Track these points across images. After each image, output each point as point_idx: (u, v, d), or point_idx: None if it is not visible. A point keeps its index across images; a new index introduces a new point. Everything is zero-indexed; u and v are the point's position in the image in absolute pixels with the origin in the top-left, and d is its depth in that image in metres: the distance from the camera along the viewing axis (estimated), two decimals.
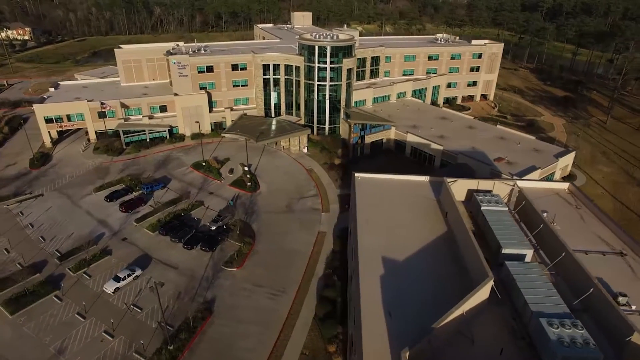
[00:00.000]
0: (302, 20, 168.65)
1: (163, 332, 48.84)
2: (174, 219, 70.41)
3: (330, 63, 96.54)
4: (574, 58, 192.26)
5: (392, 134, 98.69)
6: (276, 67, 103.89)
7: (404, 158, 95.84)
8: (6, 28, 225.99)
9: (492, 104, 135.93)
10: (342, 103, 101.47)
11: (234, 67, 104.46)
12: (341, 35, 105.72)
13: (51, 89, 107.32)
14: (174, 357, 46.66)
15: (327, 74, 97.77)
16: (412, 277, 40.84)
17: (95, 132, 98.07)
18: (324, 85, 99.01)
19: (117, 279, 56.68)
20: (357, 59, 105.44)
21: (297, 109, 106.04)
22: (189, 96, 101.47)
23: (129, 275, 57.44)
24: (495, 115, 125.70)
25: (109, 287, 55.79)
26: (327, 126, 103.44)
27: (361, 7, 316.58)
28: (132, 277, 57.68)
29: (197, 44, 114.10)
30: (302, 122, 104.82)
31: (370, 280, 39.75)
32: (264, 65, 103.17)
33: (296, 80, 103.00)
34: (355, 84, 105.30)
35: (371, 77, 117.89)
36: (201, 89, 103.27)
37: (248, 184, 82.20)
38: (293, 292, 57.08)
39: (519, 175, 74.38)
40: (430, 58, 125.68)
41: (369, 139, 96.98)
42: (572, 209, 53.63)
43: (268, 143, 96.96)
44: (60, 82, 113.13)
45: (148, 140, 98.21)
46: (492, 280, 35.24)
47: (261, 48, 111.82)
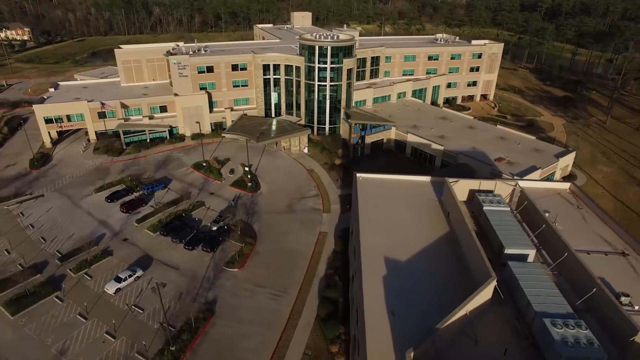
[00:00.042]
0: (302, 20, 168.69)
1: (165, 333, 48.78)
2: (175, 220, 70.32)
3: (330, 63, 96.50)
4: (574, 58, 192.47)
5: (392, 134, 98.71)
6: (276, 67, 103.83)
7: (404, 158, 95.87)
8: (5, 28, 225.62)
9: (492, 104, 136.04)
10: (343, 103, 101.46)
11: (234, 68, 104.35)
12: (341, 35, 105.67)
13: (51, 89, 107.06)
14: (176, 358, 46.60)
15: (328, 74, 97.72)
16: (415, 277, 40.83)
17: (95, 132, 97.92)
18: (325, 85, 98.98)
19: (119, 280, 56.57)
20: (357, 59, 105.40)
21: (298, 109, 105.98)
22: (189, 96, 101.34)
23: (130, 276, 57.32)
24: (495, 115, 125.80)
25: (110, 288, 55.69)
26: (327, 126, 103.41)
27: (360, 7, 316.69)
28: (134, 277, 57.56)
29: (197, 44, 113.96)
30: (303, 122, 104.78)
31: (373, 280, 39.70)
32: (264, 66, 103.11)
33: (296, 80, 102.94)
34: (355, 84, 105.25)
35: (371, 77, 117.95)
36: (201, 89, 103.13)
37: (249, 184, 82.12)
38: (295, 292, 57.06)
39: (519, 175, 74.46)
40: (430, 58, 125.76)
41: (369, 139, 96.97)
42: (573, 209, 53.65)
43: (268, 143, 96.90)
44: (60, 83, 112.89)
45: (148, 140, 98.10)
46: (495, 281, 35.25)
47: (261, 48, 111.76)
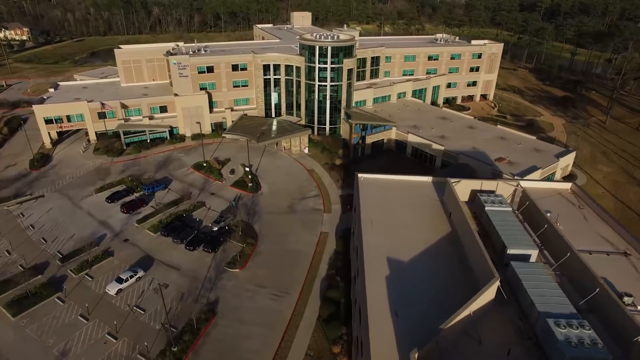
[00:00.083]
0: (302, 20, 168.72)
1: (167, 334, 48.72)
2: (176, 220, 70.24)
3: (331, 63, 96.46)
4: (573, 58, 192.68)
5: (392, 134, 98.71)
6: (276, 67, 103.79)
7: (404, 158, 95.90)
8: (4, 28, 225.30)
9: (492, 104, 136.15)
10: (343, 103, 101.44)
11: (235, 68, 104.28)
12: (341, 35, 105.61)
13: (51, 89, 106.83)
14: (178, 359, 46.54)
15: (328, 74, 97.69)
16: (417, 278, 40.80)
17: (95, 132, 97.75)
18: (325, 85, 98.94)
19: (120, 281, 56.48)
20: (358, 59, 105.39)
21: (298, 109, 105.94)
22: (189, 97, 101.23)
23: (131, 277, 57.24)
24: (495, 115, 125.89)
25: (112, 289, 55.61)
26: (327, 126, 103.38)
27: (360, 7, 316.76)
28: (135, 278, 57.49)
29: (197, 44, 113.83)
30: (303, 122, 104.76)
31: (376, 280, 39.67)
32: (264, 66, 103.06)
33: (297, 80, 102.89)
34: (355, 84, 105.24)
35: (371, 78, 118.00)
36: (201, 89, 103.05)
37: (249, 184, 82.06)
38: (296, 293, 57.05)
39: (520, 175, 74.52)
40: (430, 58, 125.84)
41: (369, 139, 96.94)
42: (575, 209, 53.66)
43: (269, 143, 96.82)
44: (59, 83, 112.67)
45: (148, 140, 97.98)
46: (499, 281, 35.24)
47: (261, 48, 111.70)
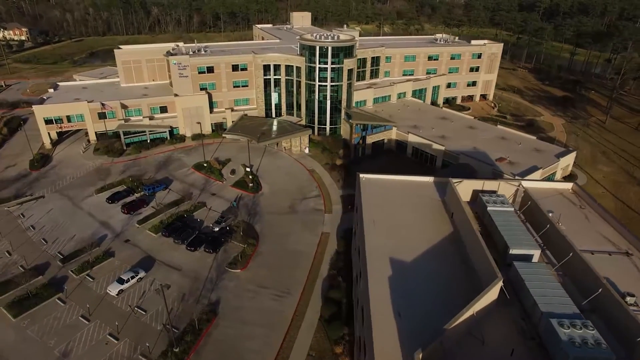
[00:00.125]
0: (301, 20, 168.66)
1: (168, 335, 48.67)
2: (177, 221, 70.14)
3: (331, 63, 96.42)
4: (572, 58, 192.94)
5: (393, 134, 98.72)
6: (277, 67, 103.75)
7: (405, 158, 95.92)
8: (3, 28, 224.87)
9: (492, 104, 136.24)
10: (343, 103, 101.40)
11: (235, 68, 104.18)
12: (342, 35, 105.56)
13: (50, 89, 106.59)
14: None
15: (328, 75, 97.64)
16: (420, 278, 40.79)
17: (95, 133, 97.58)
18: (325, 85, 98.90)
19: (121, 281, 56.36)
20: (358, 59, 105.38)
21: (298, 109, 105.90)
22: (190, 97, 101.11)
23: (132, 277, 57.15)
24: (495, 115, 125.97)
25: (113, 290, 55.51)
26: (328, 126, 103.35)
27: (359, 7, 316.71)
28: (136, 279, 57.40)
29: (197, 45, 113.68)
30: (303, 122, 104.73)
31: (379, 280, 39.65)
32: (264, 66, 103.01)
33: (297, 80, 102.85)
34: (355, 85, 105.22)
35: (371, 78, 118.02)
36: (201, 89, 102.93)
37: (250, 184, 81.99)
38: (298, 293, 57.00)
39: (521, 175, 74.55)
40: (430, 58, 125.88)
41: (370, 139, 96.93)
42: (576, 209, 53.72)
43: (269, 144, 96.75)
44: (59, 83, 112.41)
45: (148, 141, 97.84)
46: (502, 281, 35.24)
47: (262, 48, 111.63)
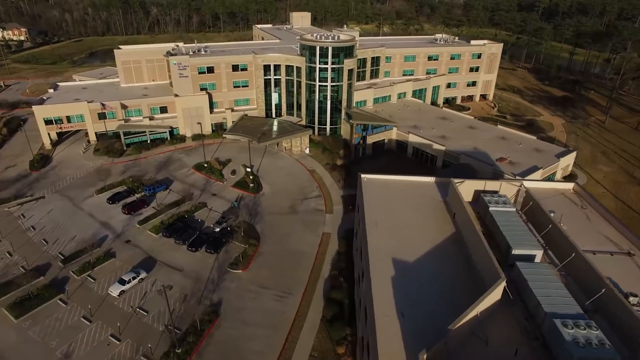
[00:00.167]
0: (301, 20, 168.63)
1: (170, 336, 48.58)
2: (178, 221, 70.04)
3: (331, 63, 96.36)
4: (571, 58, 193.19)
5: (393, 134, 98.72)
6: (277, 67, 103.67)
7: (405, 158, 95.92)
8: (2, 28, 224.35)
9: (492, 104, 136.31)
10: (344, 103, 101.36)
11: (235, 68, 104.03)
12: (342, 35, 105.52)
13: (50, 90, 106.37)
14: None
15: (329, 75, 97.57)
16: (422, 278, 40.79)
17: (95, 133, 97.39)
18: (325, 85, 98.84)
19: (122, 282, 56.23)
20: (358, 59, 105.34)
21: (298, 109, 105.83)
22: (190, 97, 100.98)
23: (134, 278, 57.03)
24: (495, 115, 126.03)
25: (114, 290, 55.40)
26: (328, 127, 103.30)
27: (358, 7, 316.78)
28: (137, 279, 57.27)
29: (197, 45, 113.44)
30: (303, 122, 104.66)
31: (382, 281, 39.64)
32: (264, 66, 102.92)
33: (297, 80, 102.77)
34: (355, 85, 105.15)
35: (371, 78, 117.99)
36: (202, 89, 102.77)
37: (251, 185, 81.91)
38: (299, 293, 56.94)
39: (521, 175, 74.59)
40: (430, 58, 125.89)
41: (370, 139, 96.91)
42: (577, 209, 53.80)
43: (270, 144, 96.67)
44: (59, 83, 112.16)
45: (149, 141, 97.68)
46: (505, 281, 35.25)
47: (262, 49, 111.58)
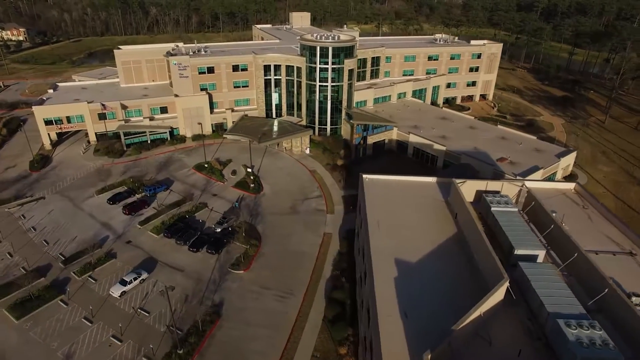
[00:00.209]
0: (301, 20, 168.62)
1: (172, 336, 48.47)
2: (179, 222, 69.87)
3: (332, 64, 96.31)
4: (571, 58, 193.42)
5: (394, 134, 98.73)
6: (277, 67, 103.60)
7: (406, 158, 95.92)
8: (0, 28, 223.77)
9: (492, 104, 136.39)
10: (344, 104, 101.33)
11: (235, 68, 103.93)
12: (342, 35, 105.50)
13: (50, 90, 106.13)
14: None
15: (329, 75, 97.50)
16: (425, 278, 40.81)
17: (95, 133, 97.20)
18: (326, 85, 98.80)
19: (124, 283, 56.11)
20: (358, 59, 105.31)
21: (299, 109, 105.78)
22: (190, 97, 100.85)
23: (135, 279, 56.88)
24: (495, 115, 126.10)
25: (116, 291, 55.27)
26: (328, 127, 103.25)
27: (357, 7, 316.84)
28: (139, 280, 57.13)
29: (197, 45, 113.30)
30: (304, 122, 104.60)
31: (384, 281, 39.65)
32: (265, 66, 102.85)
33: (297, 81, 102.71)
34: (356, 85, 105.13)
35: (372, 78, 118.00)
36: (202, 90, 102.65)
37: (251, 185, 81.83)
38: (301, 294, 56.88)
39: (522, 175, 74.66)
40: (430, 58, 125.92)
41: (371, 139, 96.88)
42: (579, 209, 53.86)
43: (270, 144, 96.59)
44: (58, 84, 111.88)
45: (149, 141, 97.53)
46: (508, 282, 35.26)
47: (262, 49, 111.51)
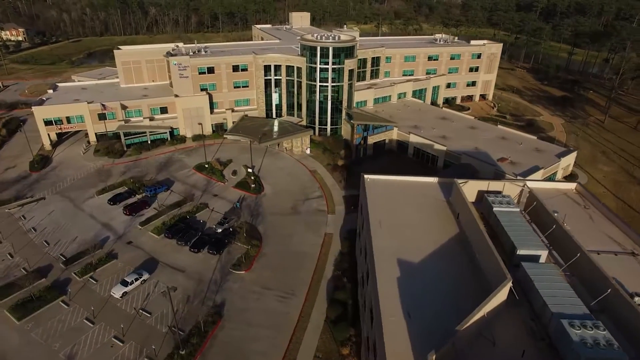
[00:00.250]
0: (300, 20, 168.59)
1: (174, 337, 48.42)
2: (179, 222, 69.79)
3: (332, 64, 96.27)
4: (570, 58, 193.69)
5: (394, 134, 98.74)
6: (277, 68, 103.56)
7: (406, 158, 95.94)
8: None
9: (491, 104, 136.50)
10: (344, 104, 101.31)
11: (235, 68, 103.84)
12: (342, 35, 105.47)
13: (50, 90, 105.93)
14: None
15: (329, 75, 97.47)
16: (428, 278, 40.76)
17: (95, 134, 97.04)
18: (326, 86, 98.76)
19: (125, 284, 56.03)
20: (358, 59, 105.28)
21: (299, 110, 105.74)
22: (190, 97, 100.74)
23: (136, 280, 56.81)
24: (495, 115, 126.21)
25: (117, 292, 55.20)
26: (328, 127, 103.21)
27: (357, 7, 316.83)
28: (140, 281, 57.07)
29: (197, 45, 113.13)
30: (304, 123, 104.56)
31: (387, 281, 39.60)
32: (265, 66, 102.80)
33: (297, 81, 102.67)
34: (356, 85, 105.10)
35: (372, 78, 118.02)
36: (202, 90, 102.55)
37: (252, 185, 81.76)
38: (303, 294, 56.87)
39: (523, 175, 74.73)
40: (430, 58, 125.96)
41: (371, 139, 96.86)
42: (580, 209, 53.86)
43: (271, 144, 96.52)
44: (58, 84, 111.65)
45: (149, 142, 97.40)
46: (511, 282, 35.25)
47: (262, 49, 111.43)
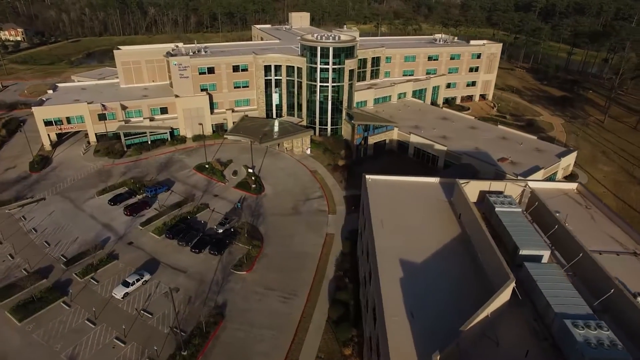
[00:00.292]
0: (300, 20, 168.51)
1: (176, 338, 48.36)
2: (180, 222, 69.77)
3: (332, 64, 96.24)
4: (569, 58, 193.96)
5: (394, 134, 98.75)
6: (277, 68, 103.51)
7: (407, 159, 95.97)
8: None
9: (491, 104, 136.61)
10: (344, 104, 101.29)
11: (235, 69, 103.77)
12: (342, 36, 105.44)
13: (49, 91, 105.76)
14: None
15: (330, 75, 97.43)
16: (430, 279, 40.72)
17: (96, 134, 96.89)
18: (326, 86, 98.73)
19: (126, 284, 55.94)
20: (358, 59, 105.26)
21: (299, 110, 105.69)
22: (190, 98, 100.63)
23: (137, 280, 56.74)
24: (495, 115, 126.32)
25: (118, 293, 55.12)
26: (329, 127, 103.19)
27: (356, 7, 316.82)
28: (141, 282, 57.00)
29: (197, 45, 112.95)
30: (304, 123, 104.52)
31: (390, 282, 39.54)
32: (265, 67, 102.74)
33: (298, 81, 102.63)
34: (356, 85, 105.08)
35: (372, 78, 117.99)
36: (202, 90, 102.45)
37: (253, 186, 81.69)
38: (304, 295, 56.85)
39: (523, 175, 74.81)
40: (430, 58, 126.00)
41: (371, 139, 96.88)
42: (582, 209, 53.87)
43: (271, 145, 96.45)
44: (58, 84, 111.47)
45: (149, 142, 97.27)
46: (514, 282, 35.24)
47: (262, 49, 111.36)
